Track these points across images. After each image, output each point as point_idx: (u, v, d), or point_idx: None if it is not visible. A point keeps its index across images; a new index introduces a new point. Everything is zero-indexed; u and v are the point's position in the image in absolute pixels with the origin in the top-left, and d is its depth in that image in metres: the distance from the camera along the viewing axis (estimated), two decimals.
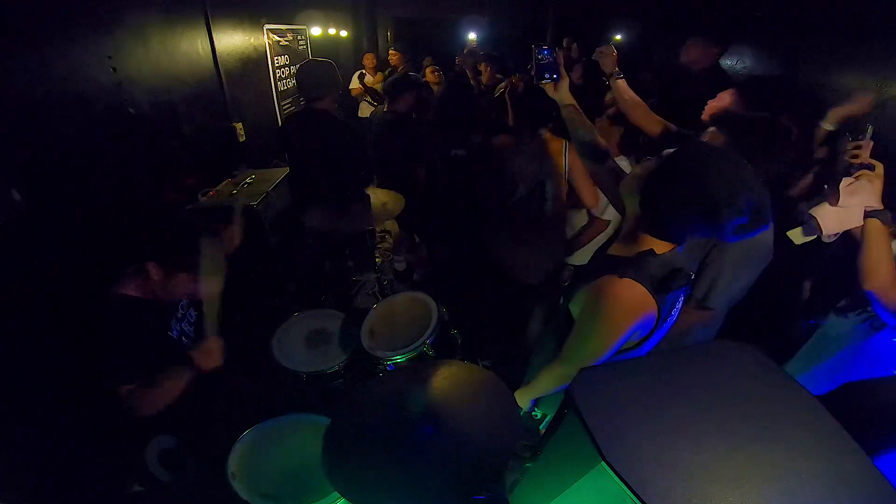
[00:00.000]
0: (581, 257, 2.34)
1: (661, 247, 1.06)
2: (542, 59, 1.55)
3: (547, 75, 1.56)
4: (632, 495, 0.53)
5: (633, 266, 1.03)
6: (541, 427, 1.47)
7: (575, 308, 1.15)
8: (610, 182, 2.11)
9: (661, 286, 1.01)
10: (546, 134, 2.15)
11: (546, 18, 7.02)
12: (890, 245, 1.25)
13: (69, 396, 1.57)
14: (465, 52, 4.40)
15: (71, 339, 1.54)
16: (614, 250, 1.15)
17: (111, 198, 1.85)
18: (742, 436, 0.60)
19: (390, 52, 5.14)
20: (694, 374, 0.70)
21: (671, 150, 1.05)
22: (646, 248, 1.06)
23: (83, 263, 1.62)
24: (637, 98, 1.92)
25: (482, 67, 4.24)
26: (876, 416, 1.25)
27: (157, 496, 1.53)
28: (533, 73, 1.58)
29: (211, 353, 1.37)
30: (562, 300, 1.25)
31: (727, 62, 3.40)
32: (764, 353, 0.74)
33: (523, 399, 1.34)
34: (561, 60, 1.57)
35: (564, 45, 4.63)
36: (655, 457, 0.57)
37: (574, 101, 1.63)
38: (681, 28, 4.06)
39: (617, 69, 1.90)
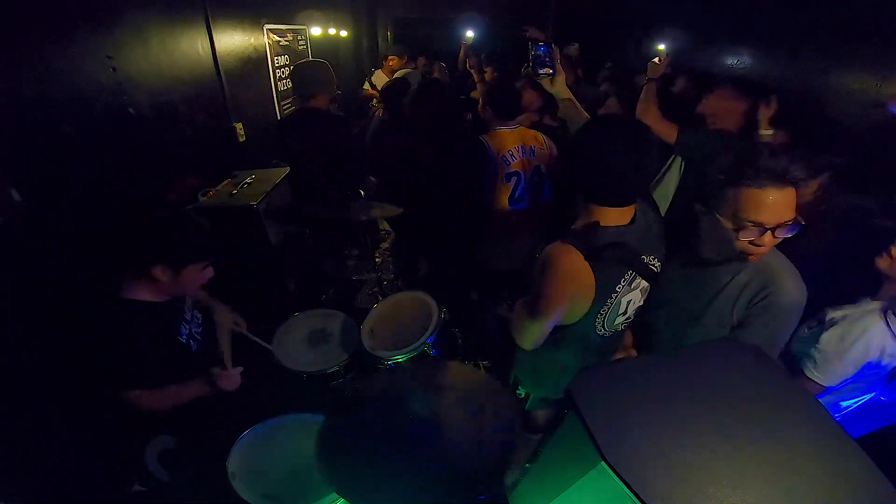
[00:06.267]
0: None
1: (605, 219, 1.16)
2: (538, 55, 1.62)
3: (541, 70, 1.63)
4: (632, 495, 0.53)
5: (576, 235, 1.16)
6: (527, 407, 1.57)
7: None
8: None
9: (592, 254, 1.11)
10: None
11: (547, 17, 7.02)
12: None
13: (69, 397, 1.57)
14: (467, 53, 4.39)
15: (72, 340, 1.54)
16: (575, 226, 1.26)
17: (111, 198, 1.84)
18: (742, 436, 0.60)
19: (389, 56, 4.90)
20: (694, 374, 0.70)
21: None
22: (592, 220, 1.17)
23: (83, 263, 1.62)
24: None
25: (487, 69, 4.25)
26: None
27: (157, 496, 1.53)
28: (530, 67, 1.65)
29: (232, 379, 1.48)
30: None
31: (727, 62, 3.40)
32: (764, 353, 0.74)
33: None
34: (557, 56, 1.64)
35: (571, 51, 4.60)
36: (655, 457, 0.57)
37: (571, 95, 1.69)
38: (685, 29, 4.07)
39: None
